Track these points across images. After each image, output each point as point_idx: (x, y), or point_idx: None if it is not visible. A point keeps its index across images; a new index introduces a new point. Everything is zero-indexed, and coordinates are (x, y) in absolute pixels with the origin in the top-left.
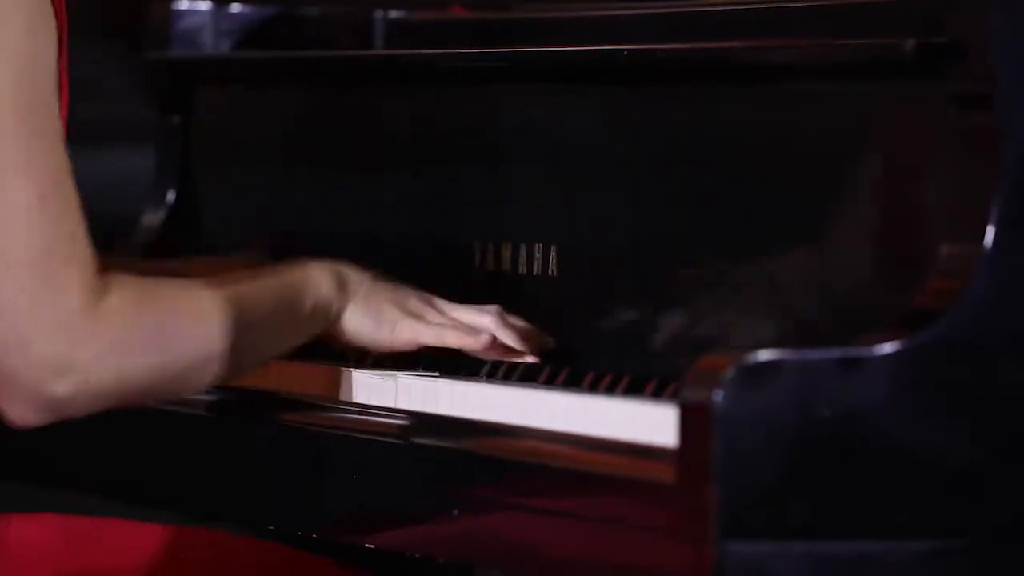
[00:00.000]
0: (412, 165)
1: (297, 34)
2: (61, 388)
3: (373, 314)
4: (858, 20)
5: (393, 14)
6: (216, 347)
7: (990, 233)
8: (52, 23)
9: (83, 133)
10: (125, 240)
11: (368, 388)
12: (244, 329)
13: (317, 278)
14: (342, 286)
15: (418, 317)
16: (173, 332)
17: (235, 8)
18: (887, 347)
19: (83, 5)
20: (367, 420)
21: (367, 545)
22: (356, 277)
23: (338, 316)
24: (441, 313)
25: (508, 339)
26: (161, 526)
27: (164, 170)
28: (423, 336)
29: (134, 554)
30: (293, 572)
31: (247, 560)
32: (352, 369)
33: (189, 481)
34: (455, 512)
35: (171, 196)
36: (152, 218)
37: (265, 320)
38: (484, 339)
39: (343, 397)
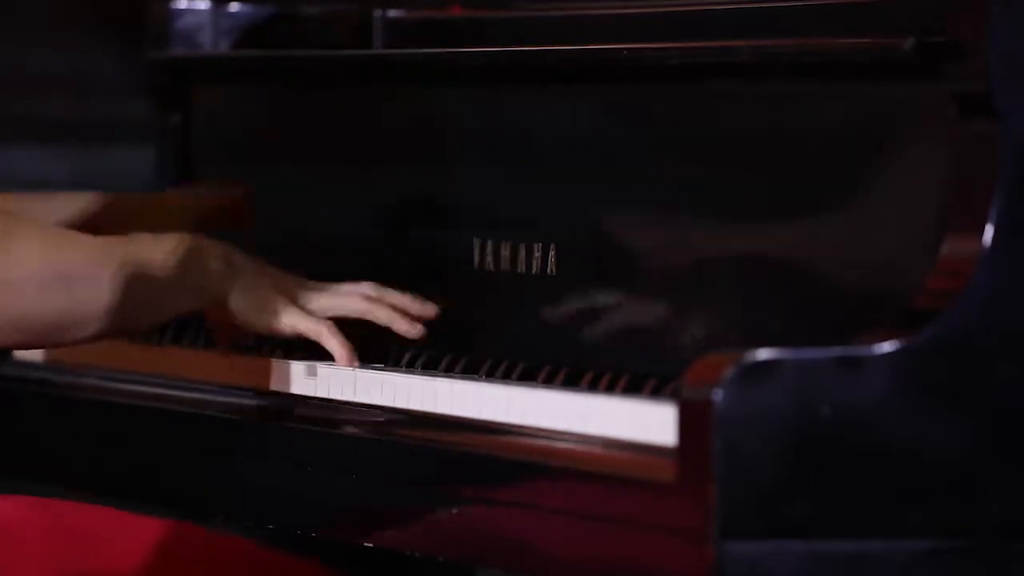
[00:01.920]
0: (412, 164)
1: (296, 33)
2: None
3: (258, 298)
4: (858, 19)
5: (392, 13)
6: (107, 299)
7: (989, 232)
8: None
9: (83, 132)
10: None
11: (368, 387)
12: (135, 286)
13: (208, 253)
14: (230, 265)
15: (299, 305)
16: (76, 277)
17: (234, 7)
18: (886, 346)
19: (82, 4)
20: (367, 420)
21: (367, 544)
22: (243, 259)
23: (225, 294)
24: (320, 298)
25: (382, 317)
26: (158, 520)
27: (163, 169)
28: (300, 326)
29: (130, 545)
30: (287, 574)
31: (241, 559)
32: (352, 368)
33: (188, 480)
34: (455, 511)
35: None
36: None
37: (155, 282)
38: (345, 355)
39: (342, 396)
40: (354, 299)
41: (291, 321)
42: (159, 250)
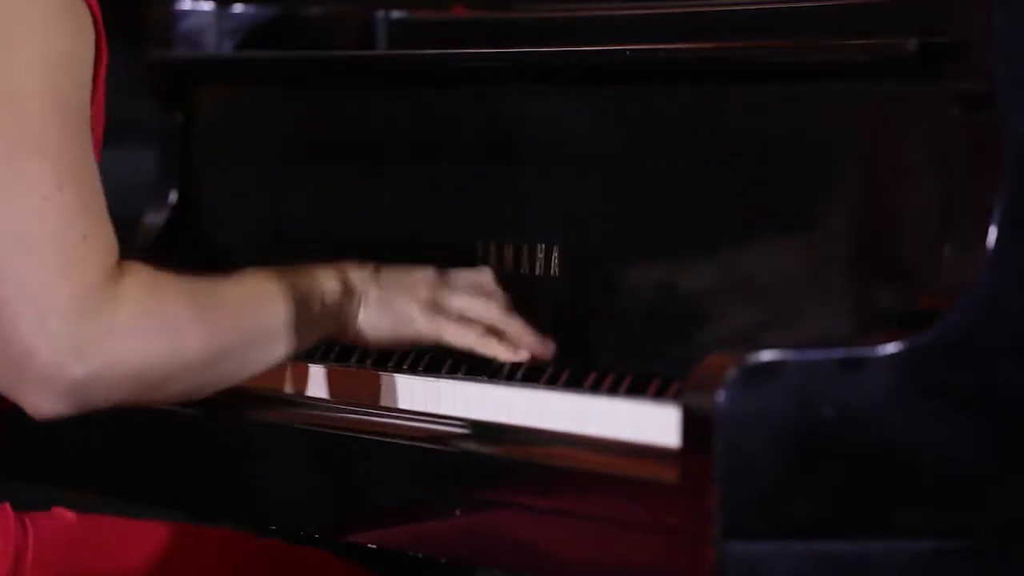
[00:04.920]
0: (414, 165)
1: (299, 34)
2: (79, 370)
3: (389, 314)
4: (861, 20)
5: (395, 14)
6: (226, 343)
7: (992, 233)
8: (90, 25)
9: None
10: (127, 241)
11: (372, 389)
12: (252, 329)
13: (322, 283)
14: (348, 290)
15: (435, 308)
16: (187, 321)
17: (237, 8)
18: (889, 347)
19: None
20: (369, 420)
21: (369, 545)
22: (360, 276)
23: (348, 320)
24: (453, 294)
25: (515, 324)
26: (163, 523)
27: (166, 170)
28: (446, 336)
29: (137, 551)
30: (294, 568)
31: (250, 556)
32: (355, 369)
33: (191, 481)
34: (457, 512)
35: (173, 196)
36: (154, 218)
37: (272, 322)
38: (502, 349)
39: (346, 397)
40: (489, 304)
41: (434, 332)
42: (272, 290)
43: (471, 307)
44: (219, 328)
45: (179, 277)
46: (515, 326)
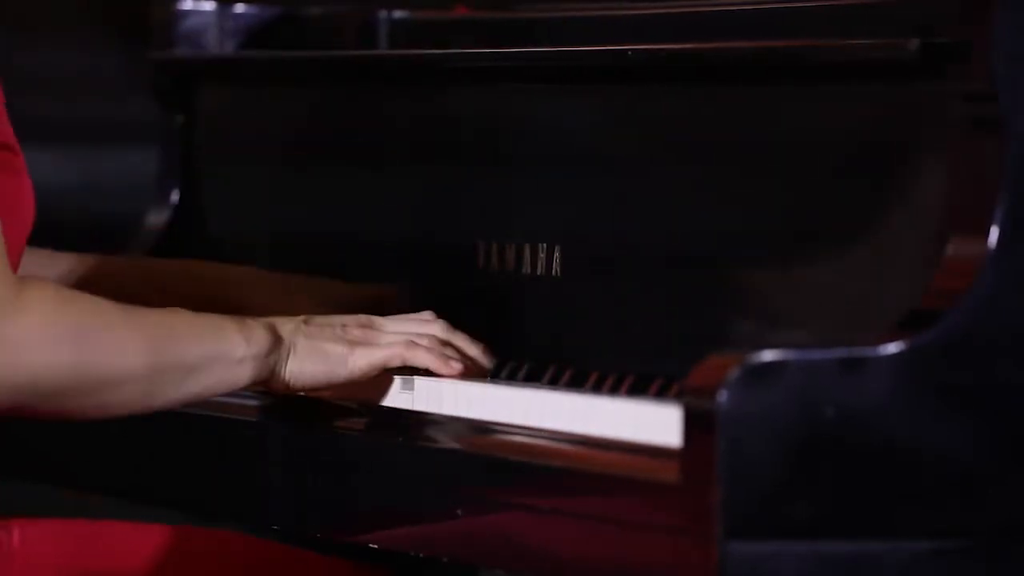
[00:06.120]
0: (415, 165)
1: (301, 34)
2: None
3: (320, 356)
4: (863, 21)
5: (397, 14)
6: (134, 364)
7: (994, 233)
8: None
9: (87, 133)
10: (129, 240)
11: (373, 389)
12: (166, 357)
13: (251, 329)
14: (276, 339)
15: (365, 343)
16: (91, 335)
17: (239, 8)
18: (891, 347)
19: (87, 5)
20: (372, 421)
21: (370, 545)
22: (288, 327)
23: (278, 368)
24: (384, 331)
25: (458, 340)
26: (163, 527)
27: (168, 170)
28: (377, 359)
29: (137, 556)
30: (295, 569)
31: (250, 558)
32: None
33: (192, 481)
34: (459, 512)
35: (175, 196)
36: (156, 218)
37: (187, 357)
38: (453, 364)
39: (348, 398)
40: (427, 326)
41: (366, 362)
42: (194, 325)
43: (406, 328)
44: (128, 349)
45: (93, 297)
46: (460, 338)
